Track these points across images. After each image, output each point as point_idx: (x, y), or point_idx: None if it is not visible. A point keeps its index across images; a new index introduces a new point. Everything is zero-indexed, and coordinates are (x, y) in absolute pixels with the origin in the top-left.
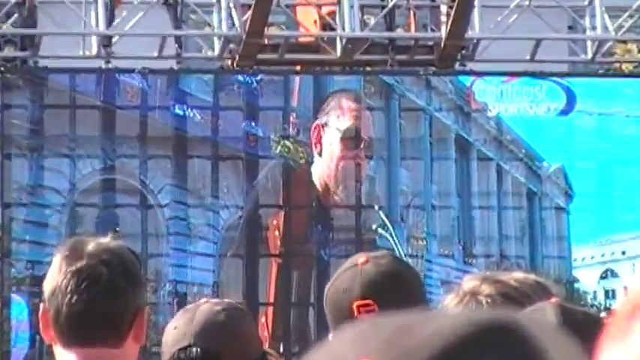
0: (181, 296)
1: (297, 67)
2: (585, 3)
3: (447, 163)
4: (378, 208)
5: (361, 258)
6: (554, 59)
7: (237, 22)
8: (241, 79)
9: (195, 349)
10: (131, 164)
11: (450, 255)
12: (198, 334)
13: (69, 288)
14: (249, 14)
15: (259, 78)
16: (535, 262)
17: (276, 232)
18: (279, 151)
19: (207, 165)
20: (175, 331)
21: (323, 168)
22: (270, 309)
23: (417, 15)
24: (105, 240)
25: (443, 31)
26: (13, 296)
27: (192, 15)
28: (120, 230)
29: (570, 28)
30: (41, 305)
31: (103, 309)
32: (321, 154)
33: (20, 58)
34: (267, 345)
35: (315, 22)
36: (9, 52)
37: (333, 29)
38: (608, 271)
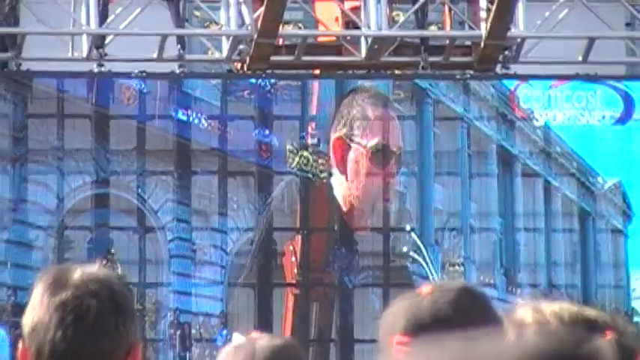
0: (184, 328)
1: (316, 71)
2: None
3: (487, 179)
4: (409, 228)
5: (426, 288)
6: (609, 60)
7: (247, 20)
8: (253, 81)
9: None
10: (127, 178)
11: (492, 284)
12: None
13: (52, 323)
14: (261, 11)
15: (273, 82)
16: (588, 291)
17: (293, 259)
18: (296, 164)
19: (214, 179)
20: None
21: (348, 188)
22: None
23: (453, 11)
24: (92, 268)
25: (482, 29)
26: None
27: (197, 12)
28: (115, 253)
29: (628, 25)
30: (20, 343)
31: (90, 348)
32: (345, 172)
33: (1, 59)
34: None
35: (337, 20)
36: None
37: (357, 27)
38: None
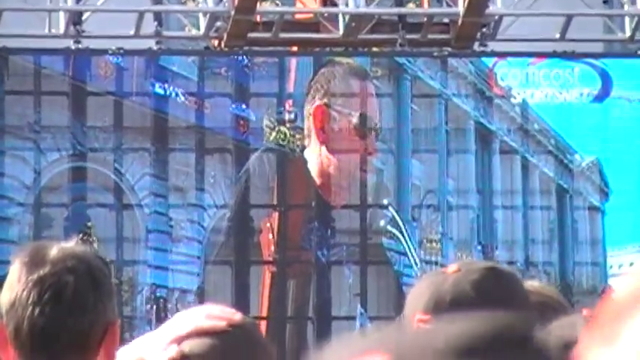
0: (160, 303)
1: (294, 48)
2: None
3: (465, 155)
4: (387, 202)
5: (453, 267)
6: (587, 38)
7: None
8: (230, 58)
9: None
10: (104, 152)
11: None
12: None
13: (30, 300)
14: None
15: (250, 58)
16: (565, 269)
17: (270, 236)
18: (273, 139)
19: (191, 155)
20: None
21: (326, 157)
22: (263, 324)
23: None
24: (70, 244)
25: (460, 6)
26: None
27: None
28: (91, 227)
29: (605, 2)
30: None
31: (69, 325)
32: (325, 141)
33: None
34: None
35: None
36: None
37: (334, 4)
38: None
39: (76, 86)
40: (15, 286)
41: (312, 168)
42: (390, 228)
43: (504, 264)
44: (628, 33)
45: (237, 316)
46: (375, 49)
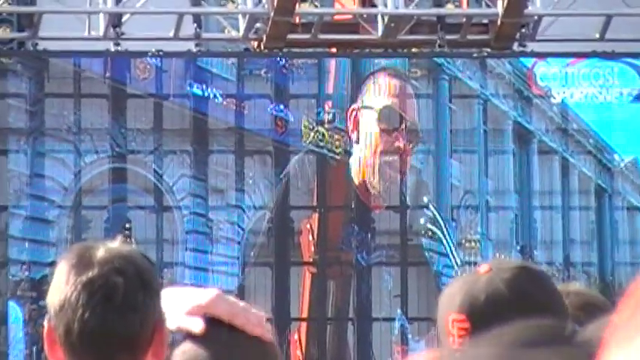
0: None
1: (333, 49)
2: None
3: (503, 156)
4: (427, 200)
5: (484, 267)
6: (627, 38)
7: None
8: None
9: None
10: (144, 153)
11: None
12: None
13: (80, 302)
14: None
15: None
16: (604, 269)
17: (310, 237)
18: (312, 139)
19: (230, 155)
20: None
21: (361, 157)
22: (304, 325)
23: None
24: (115, 245)
25: (499, 7)
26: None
27: None
28: (130, 228)
29: None
30: (45, 323)
31: (120, 326)
32: (359, 140)
33: (17, 39)
34: None
35: None
36: (4, 33)
37: (373, 5)
38: None
39: (116, 88)
40: (63, 288)
41: (353, 172)
42: (430, 226)
43: (543, 265)
44: None
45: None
46: (414, 50)
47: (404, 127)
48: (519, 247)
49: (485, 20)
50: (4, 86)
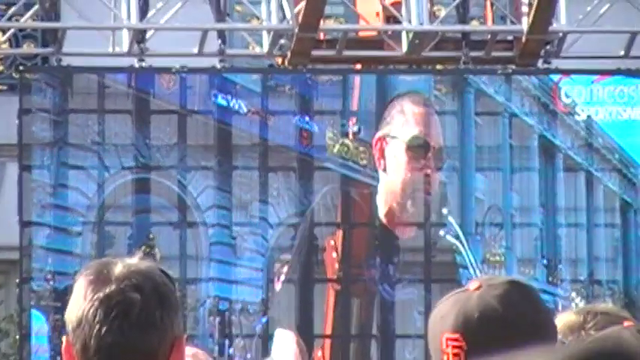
0: (224, 316)
1: (358, 66)
2: None
3: (529, 173)
4: (446, 212)
5: (474, 283)
6: None
7: (288, 14)
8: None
9: None
10: (168, 164)
11: (532, 276)
12: None
13: (97, 318)
14: (302, 5)
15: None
16: (629, 285)
17: (334, 254)
18: (337, 151)
19: (254, 167)
20: None
21: (388, 184)
22: (328, 342)
23: (495, 5)
24: (134, 261)
25: (524, 24)
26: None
27: (238, 6)
28: (153, 238)
29: None
30: (64, 338)
31: (137, 342)
32: (386, 169)
33: (41, 55)
34: None
35: (378, 14)
36: (29, 48)
37: (398, 22)
38: None
39: (140, 99)
40: (81, 304)
41: (380, 197)
42: (450, 238)
43: (568, 282)
44: None
45: None
46: (439, 66)
47: (431, 154)
48: (544, 263)
49: (510, 37)
50: (28, 101)
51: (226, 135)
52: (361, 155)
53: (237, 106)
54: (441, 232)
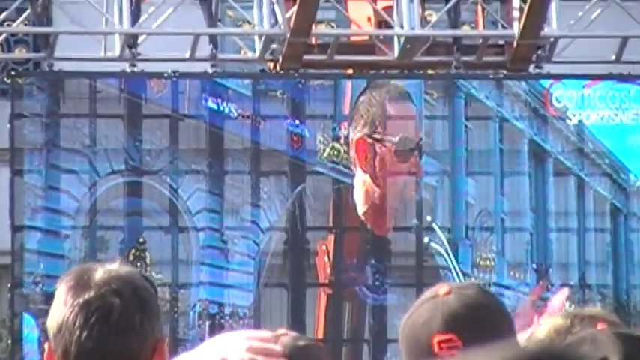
0: (214, 319)
1: (349, 70)
2: None
3: (519, 177)
4: (430, 220)
5: (443, 288)
6: None
7: (280, 19)
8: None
9: None
10: (158, 166)
11: (522, 280)
12: None
13: (77, 323)
14: (293, 10)
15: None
16: (619, 290)
17: (326, 258)
18: (327, 155)
19: (245, 170)
20: None
21: (371, 187)
22: None
23: (486, 10)
24: (114, 266)
25: (515, 29)
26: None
27: (230, 11)
28: (144, 241)
29: None
30: (46, 344)
31: (117, 346)
32: (371, 172)
33: (33, 60)
34: None
35: (370, 19)
36: (20, 53)
37: (389, 27)
38: None
39: (132, 104)
40: (62, 310)
41: (358, 197)
42: (433, 244)
43: (559, 285)
44: None
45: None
46: (430, 71)
47: (417, 153)
48: (534, 267)
49: (502, 42)
50: (20, 106)
51: (218, 139)
52: (352, 159)
53: (228, 110)
54: (425, 239)
